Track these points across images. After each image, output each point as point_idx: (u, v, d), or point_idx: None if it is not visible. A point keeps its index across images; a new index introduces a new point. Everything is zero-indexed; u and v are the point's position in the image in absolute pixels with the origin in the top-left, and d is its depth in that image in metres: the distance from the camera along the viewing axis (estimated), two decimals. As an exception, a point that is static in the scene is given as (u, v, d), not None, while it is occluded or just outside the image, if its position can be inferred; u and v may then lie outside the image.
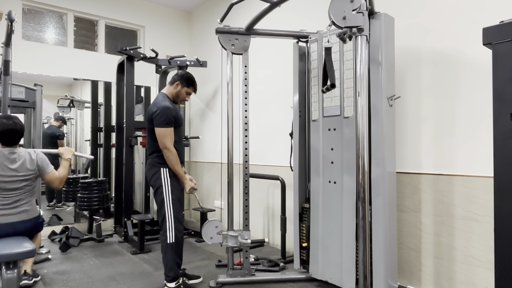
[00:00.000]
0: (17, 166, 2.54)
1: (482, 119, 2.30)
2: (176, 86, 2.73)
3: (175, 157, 2.61)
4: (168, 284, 2.61)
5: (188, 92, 2.78)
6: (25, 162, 2.58)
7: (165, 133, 2.58)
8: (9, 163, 2.52)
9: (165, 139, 2.58)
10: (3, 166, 2.50)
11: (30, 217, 2.60)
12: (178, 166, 2.64)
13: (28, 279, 2.77)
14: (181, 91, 2.74)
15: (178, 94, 2.75)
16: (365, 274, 1.98)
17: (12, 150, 2.57)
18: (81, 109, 4.94)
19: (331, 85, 2.12)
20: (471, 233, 2.35)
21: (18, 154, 2.57)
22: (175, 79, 2.74)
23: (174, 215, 2.61)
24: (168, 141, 2.58)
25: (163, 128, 2.58)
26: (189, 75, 2.78)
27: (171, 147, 2.58)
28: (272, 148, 3.92)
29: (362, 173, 1.98)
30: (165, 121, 2.58)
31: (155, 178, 2.65)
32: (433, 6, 2.57)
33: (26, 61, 4.15)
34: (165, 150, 2.58)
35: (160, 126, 2.58)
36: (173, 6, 5.30)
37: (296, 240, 2.90)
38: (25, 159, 2.58)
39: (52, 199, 4.83)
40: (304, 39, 2.89)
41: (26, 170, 2.58)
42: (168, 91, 2.76)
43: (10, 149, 2.56)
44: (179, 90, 2.74)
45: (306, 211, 2.86)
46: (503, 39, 1.54)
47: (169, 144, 2.58)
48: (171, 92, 2.75)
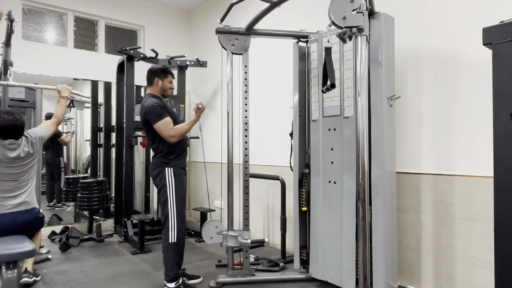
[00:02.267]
0: (17, 153, 2.60)
1: (482, 119, 2.30)
2: (157, 82, 2.75)
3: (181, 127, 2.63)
4: (168, 284, 2.61)
5: (169, 81, 2.80)
6: (24, 147, 2.64)
7: (163, 124, 2.58)
8: (9, 152, 2.58)
9: (167, 131, 2.58)
10: (2, 154, 2.56)
11: (29, 207, 2.63)
12: (188, 125, 2.68)
13: (28, 277, 2.77)
14: (164, 84, 2.76)
15: (163, 88, 2.77)
16: (365, 274, 1.98)
17: (12, 141, 2.61)
18: (81, 109, 4.94)
19: (331, 85, 2.12)
20: (471, 233, 2.35)
21: (17, 144, 2.63)
22: (152, 77, 2.76)
23: (177, 215, 2.61)
24: (171, 129, 2.59)
25: (159, 121, 2.58)
26: (159, 68, 2.78)
27: (173, 132, 2.59)
28: (272, 148, 3.92)
29: (362, 173, 1.98)
30: (157, 114, 2.58)
31: (160, 178, 2.65)
32: (433, 6, 2.57)
33: (26, 61, 4.15)
34: (173, 138, 2.60)
35: (156, 121, 2.58)
36: (173, 6, 5.30)
37: (296, 240, 2.90)
38: (23, 144, 2.64)
39: (52, 199, 4.83)
40: (304, 39, 2.89)
41: (27, 154, 2.65)
42: (153, 90, 2.77)
43: (10, 140, 2.61)
44: (162, 84, 2.75)
45: (305, 176, 2.90)
46: (503, 39, 1.54)
47: (171, 132, 2.59)
48: (156, 90, 2.76)
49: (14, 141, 2.60)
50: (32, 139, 2.70)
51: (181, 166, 2.72)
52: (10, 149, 2.58)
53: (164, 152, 2.65)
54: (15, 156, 2.59)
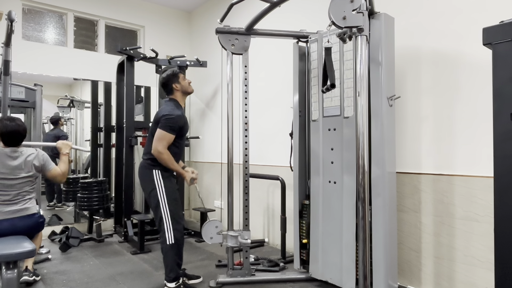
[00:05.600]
0: (18, 163, 2.58)
1: (482, 119, 2.30)
2: (176, 87, 2.73)
3: (168, 155, 2.58)
4: (168, 284, 2.61)
5: (183, 78, 2.78)
6: (27, 160, 2.61)
7: (165, 137, 2.56)
8: (10, 160, 2.56)
9: (161, 142, 2.55)
10: (3, 163, 2.54)
11: (29, 213, 2.62)
12: (173, 164, 2.61)
13: (28, 275, 2.77)
14: (182, 85, 2.74)
15: (184, 89, 2.75)
16: (365, 274, 1.98)
17: (14, 149, 2.61)
18: (81, 109, 4.94)
19: (331, 85, 2.12)
20: (471, 233, 2.35)
21: (19, 152, 2.62)
22: (168, 87, 2.72)
23: (171, 216, 2.59)
24: (162, 145, 2.55)
25: (165, 132, 2.56)
26: (168, 74, 2.75)
27: (163, 149, 2.56)
28: (272, 148, 3.92)
29: (362, 173, 1.98)
30: (171, 126, 2.56)
31: (148, 181, 2.63)
32: (433, 6, 2.57)
33: (26, 61, 4.15)
34: (157, 153, 2.55)
35: (164, 129, 2.56)
36: (173, 6, 5.30)
37: (296, 240, 2.90)
38: (27, 157, 2.62)
39: (52, 199, 4.83)
40: (304, 39, 2.89)
41: (29, 167, 2.62)
42: (176, 95, 2.74)
43: (12, 148, 2.60)
44: (181, 86, 2.74)
45: (306, 208, 2.86)
46: (503, 39, 1.54)
47: (161, 148, 2.55)
48: (179, 95, 2.74)
49: (16, 149, 2.59)
50: (41, 161, 2.68)
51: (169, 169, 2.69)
52: (11, 158, 2.57)
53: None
54: (17, 165, 2.57)
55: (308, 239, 2.82)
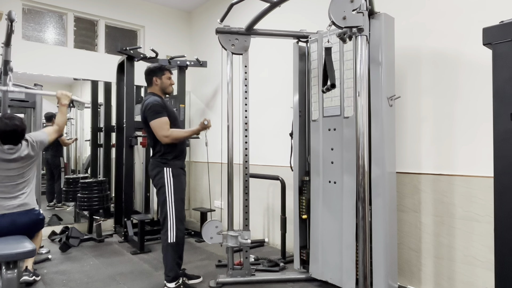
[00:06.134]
0: (15, 156, 2.61)
1: (482, 119, 2.30)
2: (156, 81, 2.75)
3: (175, 131, 2.62)
4: (168, 284, 2.61)
5: (168, 77, 2.79)
6: (24, 150, 2.64)
7: (158, 123, 2.57)
8: (7, 155, 2.58)
9: (161, 129, 2.57)
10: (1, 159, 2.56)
11: (28, 208, 2.63)
12: (185, 132, 2.71)
13: (28, 275, 2.78)
14: (163, 82, 2.76)
15: (163, 86, 2.77)
16: (365, 274, 1.98)
17: (11, 146, 2.62)
18: (81, 109, 4.94)
19: (331, 85, 2.12)
20: (471, 233, 2.35)
21: (16, 149, 2.63)
22: (149, 78, 2.77)
23: (176, 215, 2.61)
24: (165, 129, 2.57)
25: (155, 119, 2.57)
26: (155, 66, 2.79)
27: (167, 132, 2.57)
28: (272, 148, 3.92)
29: (362, 173, 1.98)
30: (154, 112, 2.58)
31: (158, 178, 2.64)
32: (434, 6, 2.57)
33: (26, 61, 4.15)
34: (165, 138, 2.57)
35: (152, 119, 2.57)
36: (173, 6, 5.30)
37: (296, 240, 2.90)
38: (23, 148, 2.65)
39: (52, 199, 4.83)
40: (304, 39, 2.89)
41: (26, 156, 2.65)
42: (154, 89, 2.77)
43: (9, 146, 2.61)
44: (161, 82, 2.76)
45: (306, 184, 2.88)
46: (503, 39, 1.54)
47: (165, 132, 2.57)
48: (156, 89, 2.77)
49: (13, 147, 2.60)
50: (32, 142, 2.70)
51: (180, 166, 2.71)
52: (8, 153, 2.59)
53: (162, 152, 2.65)
54: (14, 158, 2.60)
55: (308, 214, 2.83)
